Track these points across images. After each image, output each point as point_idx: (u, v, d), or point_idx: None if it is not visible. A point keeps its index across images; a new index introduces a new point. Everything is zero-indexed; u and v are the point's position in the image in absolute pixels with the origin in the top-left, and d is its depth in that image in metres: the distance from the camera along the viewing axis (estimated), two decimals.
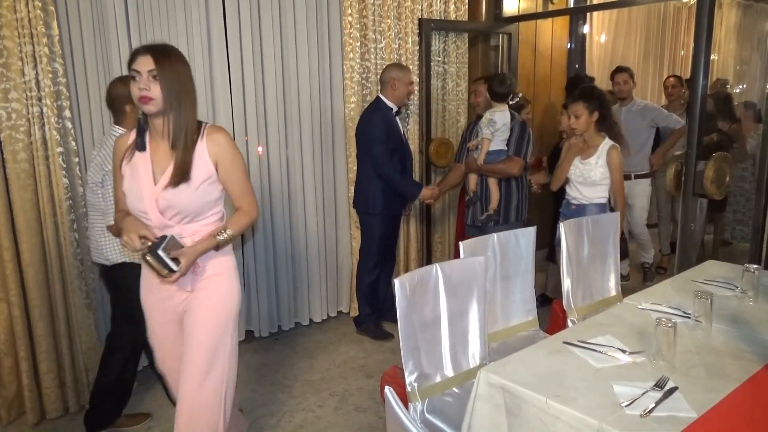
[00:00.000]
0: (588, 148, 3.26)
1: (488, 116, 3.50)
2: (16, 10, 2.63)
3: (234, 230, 2.06)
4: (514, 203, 3.63)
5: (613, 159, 3.20)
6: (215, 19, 3.37)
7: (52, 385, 2.91)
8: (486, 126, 3.51)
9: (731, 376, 1.73)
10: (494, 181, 3.57)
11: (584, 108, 3.19)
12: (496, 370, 1.79)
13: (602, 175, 3.23)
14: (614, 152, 3.19)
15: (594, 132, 3.24)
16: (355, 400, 3.13)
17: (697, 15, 3.16)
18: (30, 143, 2.75)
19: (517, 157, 3.51)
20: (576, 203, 3.35)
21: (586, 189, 3.29)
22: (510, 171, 3.52)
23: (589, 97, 3.19)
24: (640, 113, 4.28)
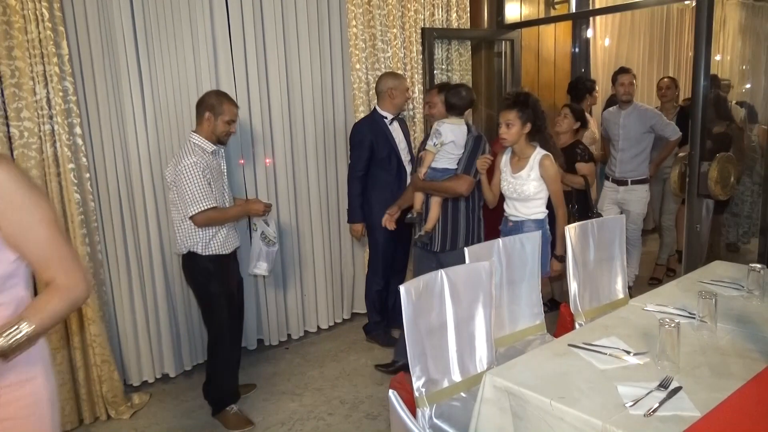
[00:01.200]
0: (519, 161, 3.02)
1: (435, 126, 3.14)
2: (27, 31, 2.70)
3: (37, 323, 1.29)
4: (463, 227, 3.23)
5: (548, 169, 2.95)
6: (221, 35, 3.43)
7: (66, 398, 2.96)
8: (431, 137, 3.14)
9: (736, 375, 1.74)
10: (437, 201, 3.19)
11: (517, 117, 2.92)
12: (501, 374, 1.81)
13: (536, 189, 2.99)
14: (547, 161, 2.94)
15: (525, 143, 2.99)
16: (365, 407, 3.15)
17: (696, 16, 3.17)
18: (42, 160, 2.81)
19: (466, 175, 3.12)
20: (513, 220, 3.11)
21: (521, 205, 3.05)
22: (456, 190, 3.11)
23: (523, 106, 2.92)
24: (639, 118, 4.19)
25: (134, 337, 3.33)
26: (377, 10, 3.99)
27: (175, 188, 2.81)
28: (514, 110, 2.90)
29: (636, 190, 4.23)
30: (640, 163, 4.22)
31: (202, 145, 2.85)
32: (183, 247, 2.89)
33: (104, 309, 3.10)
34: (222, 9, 3.42)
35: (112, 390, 3.10)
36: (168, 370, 3.46)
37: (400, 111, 3.78)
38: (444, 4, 4.38)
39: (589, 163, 3.88)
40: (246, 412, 3.09)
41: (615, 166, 4.27)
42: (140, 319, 3.32)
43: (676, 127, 4.25)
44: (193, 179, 2.74)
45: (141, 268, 3.30)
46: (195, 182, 2.74)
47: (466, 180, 3.10)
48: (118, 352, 3.28)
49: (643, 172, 4.25)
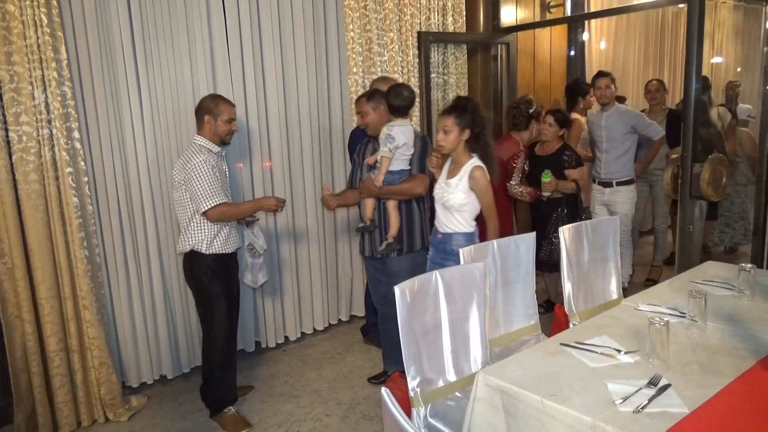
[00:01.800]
0: (454, 168, 2.88)
1: (386, 131, 3.03)
2: (26, 37, 2.73)
3: None
4: (418, 228, 3.19)
5: (477, 181, 2.77)
6: (218, 39, 3.46)
7: (65, 400, 2.98)
8: (384, 142, 3.02)
9: (724, 372, 1.77)
10: (394, 205, 3.11)
11: (455, 123, 2.76)
12: (494, 372, 1.83)
13: (462, 201, 2.82)
14: (477, 173, 2.76)
15: (463, 150, 2.84)
16: (362, 408, 3.17)
17: (688, 19, 3.20)
18: (40, 164, 2.84)
19: (422, 174, 3.09)
20: (442, 231, 2.93)
21: (446, 215, 2.90)
22: (415, 191, 3.07)
23: (462, 111, 2.77)
24: (620, 119, 4.20)
25: (132, 339, 3.35)
26: (373, 14, 4.02)
27: (184, 186, 2.85)
28: (451, 116, 2.77)
29: (622, 192, 4.25)
30: (624, 164, 4.24)
31: (207, 146, 2.91)
32: (186, 245, 2.92)
33: (102, 312, 3.12)
34: (219, 13, 3.45)
35: (110, 392, 3.12)
36: (166, 371, 3.48)
37: None
38: (440, 8, 4.41)
39: (578, 168, 3.88)
40: (244, 413, 3.11)
41: (600, 168, 4.30)
42: (138, 321, 3.34)
43: (659, 127, 4.28)
44: (204, 175, 2.80)
45: (139, 271, 3.32)
46: (206, 178, 2.80)
47: (423, 179, 3.08)
48: (116, 354, 3.30)
49: (628, 173, 4.26)
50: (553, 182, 3.78)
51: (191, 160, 2.81)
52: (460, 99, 2.86)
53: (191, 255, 2.93)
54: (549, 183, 3.78)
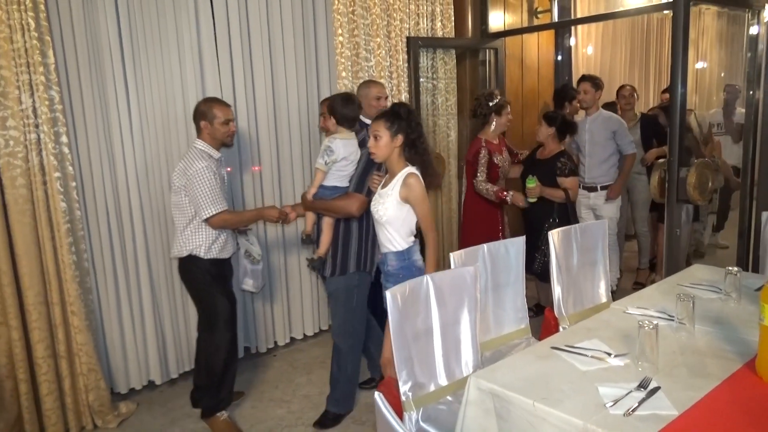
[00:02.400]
0: (389, 178, 2.65)
1: (326, 143, 2.92)
2: (13, 41, 2.71)
3: None
4: (354, 250, 3.01)
5: (412, 188, 2.53)
6: (207, 43, 3.46)
7: (52, 407, 2.94)
8: (321, 154, 2.92)
9: (713, 374, 1.79)
10: (329, 223, 2.99)
11: (386, 128, 2.54)
12: (485, 376, 1.84)
13: (393, 213, 2.57)
14: (412, 179, 2.54)
15: (397, 158, 2.60)
16: (353, 413, 3.17)
17: (673, 25, 3.24)
18: (28, 169, 2.81)
19: (357, 193, 2.91)
20: (381, 250, 2.72)
21: (380, 231, 2.66)
22: (347, 209, 2.90)
23: (393, 117, 2.56)
24: (603, 124, 4.22)
25: (121, 345, 3.32)
26: (362, 19, 4.04)
27: (185, 192, 2.83)
28: (381, 120, 2.56)
29: (605, 196, 4.29)
30: (608, 168, 4.27)
31: (208, 151, 2.90)
32: (183, 249, 2.89)
33: (91, 317, 3.10)
34: (208, 17, 3.45)
35: (98, 399, 3.09)
36: (154, 377, 3.46)
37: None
38: (429, 14, 4.44)
39: (570, 177, 3.76)
40: (234, 419, 3.10)
41: (584, 173, 4.33)
42: (127, 326, 3.32)
43: (633, 144, 4.29)
44: (206, 182, 2.79)
45: (128, 277, 3.30)
46: (209, 185, 2.79)
47: (358, 199, 2.89)
48: (104, 360, 3.28)
49: (612, 177, 4.30)
50: (538, 188, 3.65)
51: (193, 166, 2.80)
52: (394, 104, 2.66)
53: (189, 259, 2.91)
54: (533, 189, 3.66)
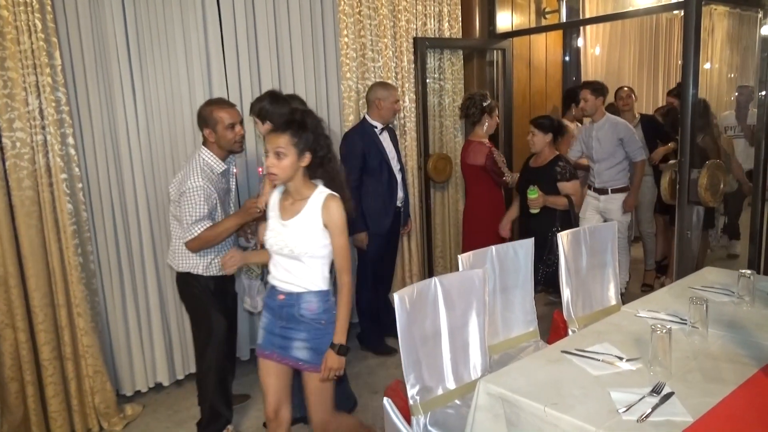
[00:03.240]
0: (293, 204, 2.17)
1: None
2: (20, 42, 2.71)
3: None
4: None
5: (334, 214, 2.10)
6: (214, 45, 3.44)
7: (58, 409, 2.94)
8: None
9: (727, 380, 1.75)
10: None
11: (290, 144, 2.05)
12: (495, 380, 1.81)
13: (318, 243, 2.12)
14: (333, 204, 2.11)
15: (303, 179, 2.14)
16: (360, 416, 3.14)
17: (684, 25, 3.20)
18: (34, 171, 2.81)
19: None
20: (285, 290, 2.19)
21: (291, 267, 2.16)
22: None
23: (299, 129, 2.07)
24: (611, 130, 4.12)
25: (127, 347, 3.31)
26: (368, 20, 4.02)
27: (177, 205, 2.66)
28: (286, 134, 2.06)
29: (616, 199, 4.22)
30: (618, 172, 4.20)
31: (212, 164, 2.70)
32: (183, 265, 2.75)
33: (97, 319, 3.09)
34: (215, 20, 3.43)
35: (104, 401, 3.08)
36: (161, 379, 3.45)
37: (388, 122, 3.78)
38: (436, 14, 4.42)
39: (572, 181, 3.56)
40: (239, 422, 3.08)
41: (594, 177, 4.29)
42: (133, 328, 3.31)
43: (642, 150, 4.22)
44: (195, 203, 2.57)
45: (134, 278, 3.29)
46: (197, 206, 2.58)
47: None
48: (110, 362, 3.27)
49: (623, 180, 4.24)
50: (541, 199, 3.44)
51: (188, 182, 2.59)
52: (296, 112, 2.16)
53: (188, 275, 2.76)
54: (536, 200, 3.44)
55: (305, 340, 2.18)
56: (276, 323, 2.23)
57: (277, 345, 2.23)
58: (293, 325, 2.19)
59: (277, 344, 2.23)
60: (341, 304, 2.16)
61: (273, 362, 2.25)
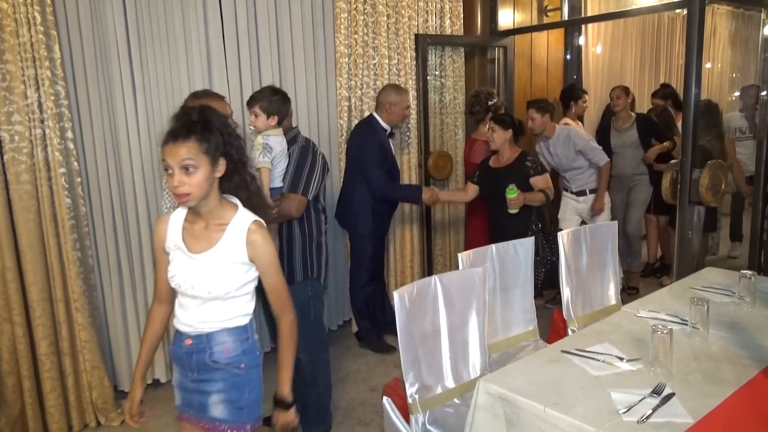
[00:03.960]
0: (206, 229, 1.71)
1: (261, 141, 2.55)
2: (19, 35, 2.69)
3: None
4: (299, 257, 2.74)
5: (260, 246, 1.69)
6: (214, 40, 3.42)
7: (55, 404, 2.92)
8: (261, 153, 2.53)
9: (728, 381, 1.75)
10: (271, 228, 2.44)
11: (200, 152, 1.60)
12: (494, 380, 1.80)
13: (238, 281, 1.71)
14: (258, 234, 1.69)
15: (218, 197, 1.71)
16: (358, 414, 3.14)
17: (687, 24, 3.19)
18: (33, 164, 2.79)
19: (293, 193, 2.64)
20: (191, 333, 1.74)
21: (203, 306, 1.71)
22: (287, 212, 2.61)
23: (204, 131, 1.62)
24: (566, 142, 4.09)
25: (125, 342, 3.30)
26: (370, 17, 4.00)
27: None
28: (190, 141, 1.60)
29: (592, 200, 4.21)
30: (591, 174, 4.18)
31: None
32: None
33: (95, 314, 3.07)
34: (216, 14, 3.41)
35: (102, 396, 3.07)
36: (159, 375, 3.44)
37: (395, 126, 3.74)
38: (438, 11, 4.40)
39: (543, 174, 3.51)
40: None
41: (569, 182, 4.27)
42: (131, 324, 3.30)
43: (604, 154, 4.15)
44: None
45: (132, 273, 3.28)
46: None
47: (294, 199, 2.64)
48: (108, 357, 3.25)
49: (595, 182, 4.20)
50: (521, 197, 3.33)
51: None
52: (191, 111, 1.66)
53: None
54: (516, 199, 3.32)
55: (222, 392, 1.74)
56: (187, 376, 1.78)
57: (194, 404, 1.79)
58: (206, 375, 1.75)
59: (194, 403, 1.78)
60: (284, 349, 1.79)
61: (192, 426, 1.82)
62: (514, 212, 3.36)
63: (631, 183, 4.65)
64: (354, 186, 3.68)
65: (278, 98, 2.62)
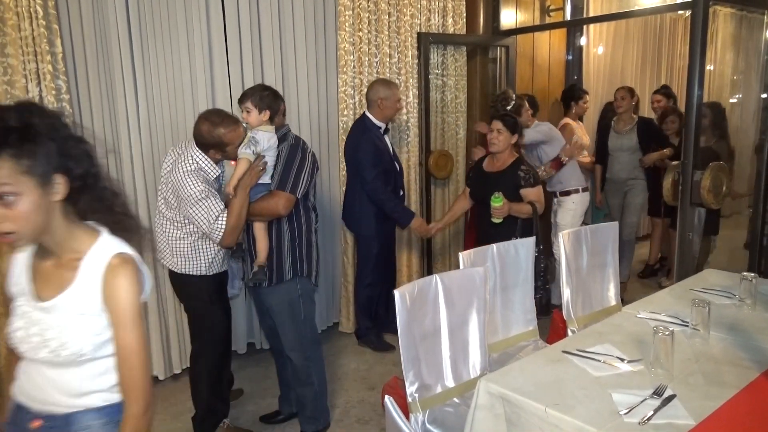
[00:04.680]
0: (55, 268, 1.32)
1: (250, 135, 2.55)
2: (21, 29, 2.68)
3: None
4: (287, 254, 2.67)
5: (120, 291, 1.28)
6: (216, 36, 3.41)
7: None
8: (246, 145, 2.52)
9: (729, 383, 1.75)
10: (261, 227, 2.63)
11: (18, 173, 1.18)
12: (495, 380, 1.80)
13: (96, 340, 1.29)
14: (123, 274, 1.29)
15: (66, 223, 1.29)
16: (356, 412, 3.14)
17: (691, 26, 3.19)
18: None
19: (281, 190, 2.58)
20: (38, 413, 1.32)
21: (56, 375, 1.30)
22: (274, 209, 2.57)
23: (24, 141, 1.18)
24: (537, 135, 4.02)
25: None
26: (373, 15, 3.99)
27: (179, 209, 2.54)
28: (9, 162, 1.17)
29: (563, 202, 4.12)
30: (560, 174, 4.07)
31: (206, 169, 2.55)
32: (185, 266, 2.65)
33: None
34: (218, 9, 3.40)
35: None
36: (157, 372, 3.43)
37: (389, 121, 3.74)
38: (440, 10, 4.39)
39: (536, 186, 3.22)
40: (235, 416, 3.07)
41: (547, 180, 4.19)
42: None
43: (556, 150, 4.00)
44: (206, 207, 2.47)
45: None
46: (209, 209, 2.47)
47: (282, 196, 2.57)
48: None
49: (570, 183, 4.10)
50: (506, 207, 3.10)
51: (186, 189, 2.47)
52: (6, 113, 1.18)
53: (189, 276, 2.67)
54: (500, 208, 3.10)
55: None
56: None
57: None
58: None
59: None
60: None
61: None
62: (498, 221, 3.14)
63: (626, 187, 4.61)
64: (355, 188, 3.68)
65: (269, 93, 2.60)
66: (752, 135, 6.40)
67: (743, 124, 6.83)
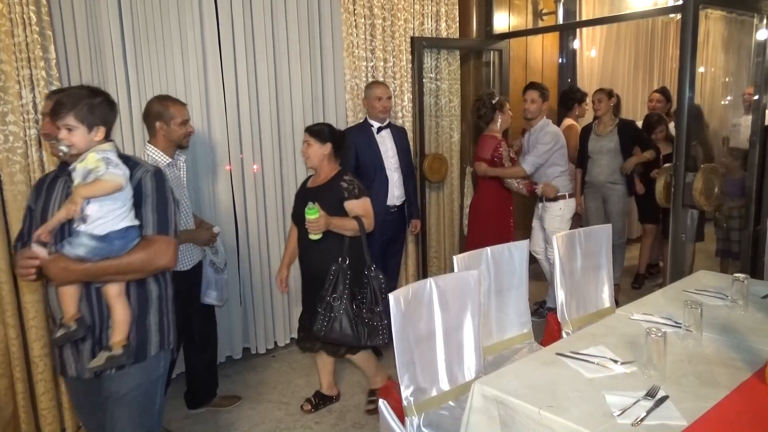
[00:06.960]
0: None
1: (93, 156, 1.77)
2: (14, 35, 2.68)
3: None
4: (154, 321, 1.95)
5: None
6: (210, 41, 3.42)
7: (48, 406, 2.91)
8: (105, 167, 1.76)
9: (721, 384, 1.76)
10: (117, 292, 1.84)
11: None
12: (490, 382, 1.81)
13: None
14: None
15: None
16: (352, 416, 3.14)
17: (681, 29, 3.21)
18: (27, 165, 2.78)
19: (163, 234, 1.88)
20: None
21: None
22: (158, 262, 1.87)
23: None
24: (538, 137, 3.97)
25: None
26: (366, 19, 4.01)
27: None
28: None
29: (549, 208, 4.11)
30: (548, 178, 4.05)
31: (157, 158, 2.69)
32: None
33: None
34: (212, 15, 3.41)
35: None
36: None
37: (380, 120, 3.73)
38: (434, 14, 4.41)
39: (362, 198, 2.86)
40: (232, 420, 3.07)
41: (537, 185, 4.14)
42: None
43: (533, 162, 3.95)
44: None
45: None
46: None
47: (165, 242, 1.88)
48: None
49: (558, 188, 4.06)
50: (322, 220, 2.65)
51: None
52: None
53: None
54: (316, 221, 2.64)
55: None
56: None
57: None
58: None
59: None
60: None
61: None
62: (316, 238, 2.69)
63: (604, 191, 4.49)
64: None
65: (102, 100, 1.83)
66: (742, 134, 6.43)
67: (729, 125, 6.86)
